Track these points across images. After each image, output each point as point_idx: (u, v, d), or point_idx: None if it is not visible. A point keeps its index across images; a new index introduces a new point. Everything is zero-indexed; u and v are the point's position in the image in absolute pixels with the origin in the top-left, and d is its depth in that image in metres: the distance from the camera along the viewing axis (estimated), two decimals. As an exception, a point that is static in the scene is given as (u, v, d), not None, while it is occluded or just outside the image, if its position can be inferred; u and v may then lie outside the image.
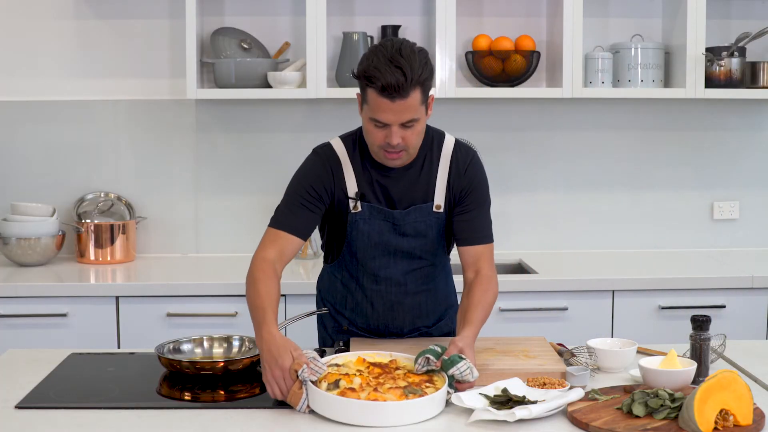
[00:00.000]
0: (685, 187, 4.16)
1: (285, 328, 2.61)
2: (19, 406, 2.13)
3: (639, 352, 2.49)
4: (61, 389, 2.26)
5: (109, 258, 3.83)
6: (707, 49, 3.79)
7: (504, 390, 2.10)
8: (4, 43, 3.94)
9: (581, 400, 2.10)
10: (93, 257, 3.83)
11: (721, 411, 1.94)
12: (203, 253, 4.04)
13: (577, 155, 4.10)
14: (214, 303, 3.47)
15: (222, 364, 2.32)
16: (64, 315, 3.43)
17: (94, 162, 4.00)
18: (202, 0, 3.79)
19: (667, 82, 3.94)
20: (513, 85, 3.86)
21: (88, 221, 3.86)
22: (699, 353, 2.32)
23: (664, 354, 2.38)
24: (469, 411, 2.05)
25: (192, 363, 2.32)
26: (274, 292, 2.31)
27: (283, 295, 3.35)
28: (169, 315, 3.44)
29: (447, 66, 3.73)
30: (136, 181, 4.01)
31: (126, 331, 3.45)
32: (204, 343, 2.50)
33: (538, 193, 4.11)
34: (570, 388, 2.17)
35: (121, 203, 3.99)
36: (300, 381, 2.07)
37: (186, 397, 2.22)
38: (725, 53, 3.80)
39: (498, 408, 2.03)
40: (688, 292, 3.56)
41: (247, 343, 2.49)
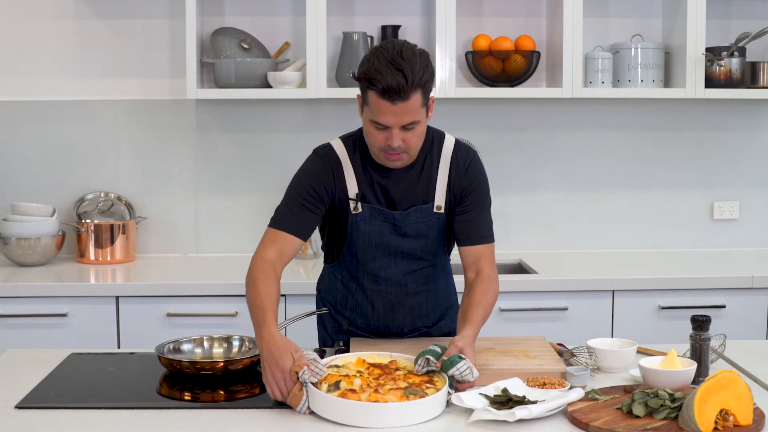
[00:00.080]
0: (685, 187, 4.15)
1: (285, 328, 2.61)
2: (19, 406, 2.13)
3: (639, 352, 2.49)
4: (61, 389, 2.26)
5: (109, 258, 3.83)
6: (707, 49, 3.79)
7: (504, 390, 2.10)
8: (4, 43, 3.94)
9: (581, 400, 2.09)
10: (93, 257, 3.83)
11: (721, 411, 1.94)
12: (203, 253, 4.04)
13: (577, 155, 4.10)
14: (214, 303, 3.47)
15: (222, 364, 2.32)
16: (64, 315, 3.43)
17: (94, 162, 4.00)
18: (202, 0, 3.79)
19: (667, 82, 3.94)
20: (513, 85, 3.86)
21: (88, 221, 3.86)
22: (699, 353, 2.32)
23: (664, 354, 2.38)
24: (469, 411, 2.05)
25: (192, 363, 2.32)
26: (274, 292, 2.30)
27: (283, 295, 3.35)
28: (169, 315, 3.44)
29: (447, 66, 3.73)
30: (136, 181, 4.01)
31: (126, 331, 3.45)
32: (204, 343, 2.50)
33: (538, 193, 4.11)
34: (570, 388, 2.17)
35: (121, 203, 3.99)
36: (300, 383, 2.07)
37: (186, 397, 2.22)
38: (725, 53, 3.80)
39: (498, 408, 2.03)
40: (688, 292, 3.56)
41: (247, 343, 2.49)
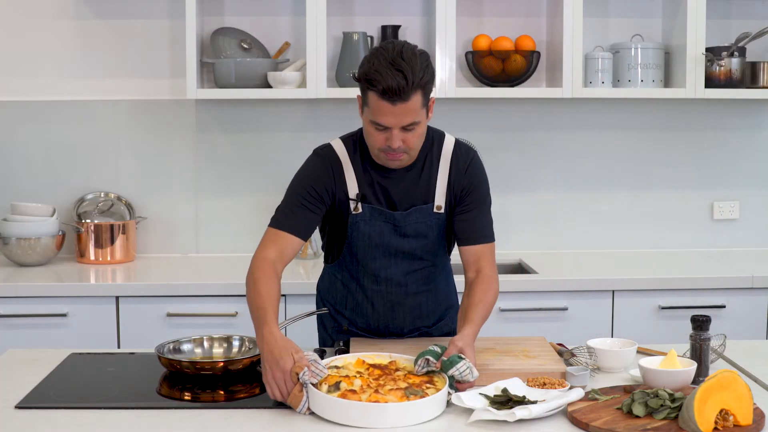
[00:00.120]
0: (685, 187, 4.15)
1: (285, 328, 2.61)
2: (19, 406, 2.13)
3: (639, 352, 2.49)
4: (61, 389, 2.26)
5: (109, 258, 3.83)
6: (707, 49, 3.79)
7: (504, 390, 2.10)
8: (4, 43, 3.94)
9: (581, 400, 2.09)
10: (93, 257, 3.83)
11: (721, 411, 1.94)
12: (203, 253, 4.04)
13: (577, 155, 4.10)
14: (214, 303, 3.47)
15: (222, 364, 2.32)
16: (64, 315, 3.43)
17: (94, 162, 4.00)
18: (202, 0, 3.79)
19: (667, 82, 3.94)
20: (513, 85, 3.86)
21: (88, 221, 3.86)
22: (699, 353, 2.32)
23: (664, 354, 2.38)
24: (469, 411, 2.05)
25: (192, 363, 2.32)
26: (274, 292, 2.30)
27: (283, 295, 3.35)
28: (169, 315, 3.44)
29: (447, 66, 3.73)
30: (136, 181, 4.01)
31: (126, 331, 3.45)
32: (204, 343, 2.50)
33: (538, 193, 4.11)
34: (570, 388, 2.17)
35: (121, 203, 3.99)
36: (301, 383, 2.06)
37: (186, 397, 2.22)
38: (725, 53, 3.80)
39: (498, 408, 2.03)
40: (688, 292, 3.56)
41: (247, 343, 2.49)
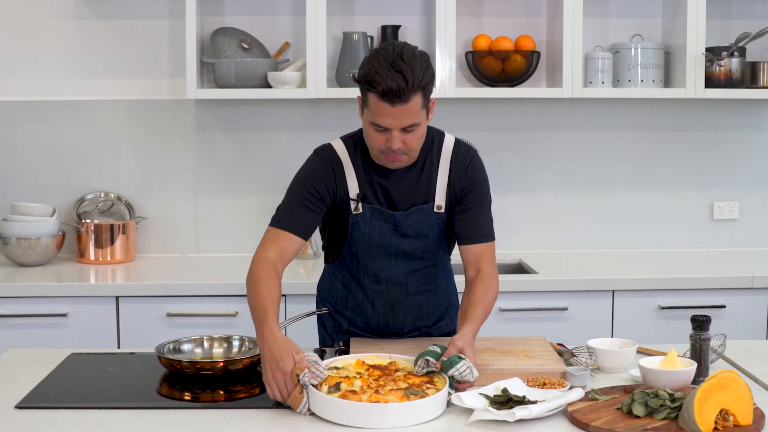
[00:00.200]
0: (685, 187, 4.15)
1: (285, 328, 2.61)
2: (19, 406, 2.13)
3: (639, 352, 2.49)
4: (61, 389, 2.26)
5: (109, 258, 3.83)
6: (707, 49, 3.78)
7: (504, 390, 2.10)
8: (4, 43, 3.94)
9: (581, 400, 2.09)
10: (93, 257, 3.83)
11: (721, 411, 1.94)
12: (203, 253, 4.04)
13: (577, 155, 4.10)
14: (214, 303, 3.47)
15: (222, 364, 2.32)
16: (64, 315, 3.43)
17: (94, 162, 4.00)
18: (202, 0, 3.79)
19: (667, 82, 3.94)
20: (513, 85, 3.86)
21: (88, 221, 3.86)
22: (699, 353, 2.32)
23: (664, 354, 2.38)
24: (469, 411, 2.05)
25: (192, 363, 2.32)
26: (275, 291, 2.30)
27: (283, 295, 3.33)
28: (169, 315, 3.44)
29: (447, 66, 3.72)
30: (136, 181, 4.01)
31: (126, 331, 3.45)
32: (204, 343, 2.50)
33: (538, 193, 4.11)
34: (570, 388, 2.17)
35: (121, 203, 3.99)
36: (301, 385, 2.06)
37: (186, 397, 2.22)
38: (725, 53, 3.80)
39: (498, 408, 2.03)
40: (688, 292, 3.56)
41: (247, 343, 2.49)
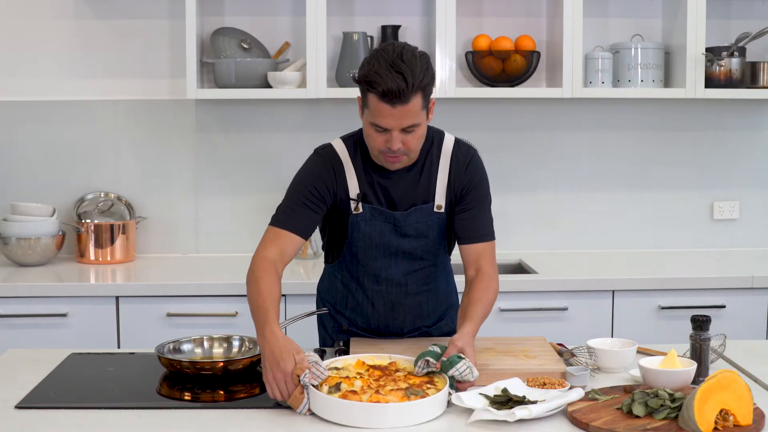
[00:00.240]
0: (685, 187, 4.15)
1: (285, 328, 2.61)
2: (19, 406, 2.13)
3: (639, 352, 2.49)
4: (61, 389, 2.26)
5: (109, 258, 3.83)
6: (707, 49, 3.78)
7: (504, 390, 2.10)
8: (4, 43, 3.94)
9: (581, 400, 2.09)
10: (93, 257, 3.83)
11: (721, 411, 1.94)
12: (203, 253, 4.04)
13: (577, 155, 4.10)
14: (214, 303, 3.47)
15: (222, 364, 2.32)
16: (64, 315, 3.43)
17: (94, 162, 4.00)
18: (202, 0, 3.79)
19: (667, 82, 3.94)
20: (513, 85, 3.86)
21: (88, 221, 3.86)
22: (699, 353, 2.32)
23: (664, 354, 2.38)
24: (469, 411, 2.05)
25: (192, 363, 2.32)
26: (275, 291, 2.30)
27: (283, 295, 3.34)
28: (169, 315, 3.44)
29: (447, 66, 3.72)
30: (136, 181, 4.01)
31: (126, 331, 3.45)
32: (204, 343, 2.50)
33: (538, 193, 4.11)
34: (570, 388, 2.17)
35: (121, 203, 3.99)
36: (302, 385, 2.06)
37: (186, 397, 2.22)
38: (725, 53, 3.80)
39: (498, 408, 2.03)
40: (688, 292, 3.56)
41: (247, 343, 2.49)
